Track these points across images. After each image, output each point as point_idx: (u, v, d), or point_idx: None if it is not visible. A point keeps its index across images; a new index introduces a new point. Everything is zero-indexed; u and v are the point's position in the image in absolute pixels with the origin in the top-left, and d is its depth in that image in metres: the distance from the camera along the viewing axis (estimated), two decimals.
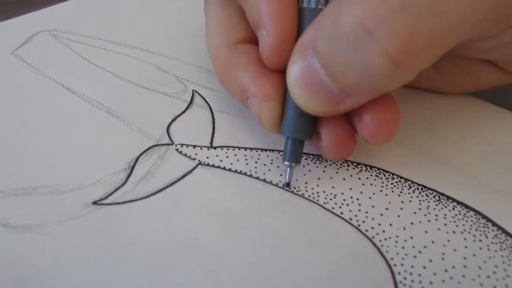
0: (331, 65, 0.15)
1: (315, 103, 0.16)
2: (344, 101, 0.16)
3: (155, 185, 0.18)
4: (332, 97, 0.16)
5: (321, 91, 0.16)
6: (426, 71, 0.22)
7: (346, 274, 0.15)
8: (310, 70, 0.16)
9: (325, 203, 0.18)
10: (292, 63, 0.16)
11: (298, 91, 0.16)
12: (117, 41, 0.26)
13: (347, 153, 0.18)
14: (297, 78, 0.16)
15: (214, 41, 0.20)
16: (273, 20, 0.17)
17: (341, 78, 0.15)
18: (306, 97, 0.16)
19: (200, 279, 0.15)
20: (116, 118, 0.21)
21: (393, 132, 0.17)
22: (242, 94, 0.18)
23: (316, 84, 0.16)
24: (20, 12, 0.28)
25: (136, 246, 0.16)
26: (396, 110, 0.17)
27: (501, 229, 0.17)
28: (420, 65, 0.15)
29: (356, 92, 0.15)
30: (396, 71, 0.14)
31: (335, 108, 0.16)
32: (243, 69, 0.18)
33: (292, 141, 0.18)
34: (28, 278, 0.15)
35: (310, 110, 0.16)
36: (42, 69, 0.24)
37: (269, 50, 0.17)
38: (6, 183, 0.18)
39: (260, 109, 0.18)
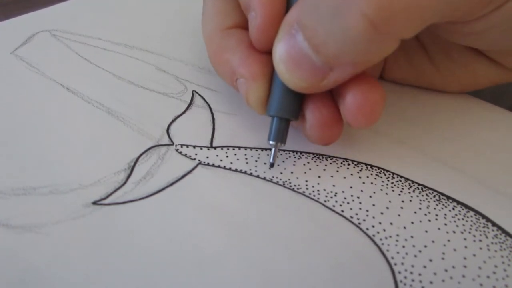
0: (313, 36, 0.15)
1: (299, 78, 0.16)
2: (328, 75, 0.16)
3: (155, 185, 0.18)
4: (316, 70, 0.16)
5: (305, 65, 0.16)
6: (425, 69, 0.22)
7: (347, 273, 0.15)
8: (295, 44, 0.16)
9: (326, 201, 0.18)
10: (278, 41, 0.16)
11: (283, 67, 0.16)
12: (117, 41, 0.26)
13: (331, 136, 0.18)
14: (282, 53, 0.16)
15: (208, 27, 0.20)
16: (261, 1, 0.17)
17: (324, 48, 0.15)
18: (291, 72, 0.16)
19: (200, 279, 0.15)
20: (116, 118, 0.21)
21: (376, 114, 0.17)
22: (232, 76, 0.19)
23: (300, 57, 0.16)
24: (20, 12, 0.28)
25: (136, 246, 0.16)
26: (379, 92, 0.17)
27: (501, 229, 0.17)
28: (399, 32, 0.15)
29: (339, 63, 0.16)
30: (375, 36, 0.15)
31: (319, 83, 0.16)
32: (233, 51, 0.19)
33: (277, 120, 0.18)
34: (28, 278, 0.15)
35: (295, 85, 0.17)
36: (42, 69, 0.24)
37: (257, 30, 0.18)
38: (6, 183, 0.18)
39: (247, 89, 0.18)
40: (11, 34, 0.26)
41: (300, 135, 0.20)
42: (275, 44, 0.17)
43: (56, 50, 0.25)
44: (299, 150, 0.20)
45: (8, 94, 0.22)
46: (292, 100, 0.17)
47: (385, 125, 0.21)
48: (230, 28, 0.20)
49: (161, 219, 0.17)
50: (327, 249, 0.16)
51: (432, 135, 0.21)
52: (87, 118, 0.21)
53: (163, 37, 0.27)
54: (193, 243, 0.16)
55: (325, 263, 0.16)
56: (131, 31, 0.27)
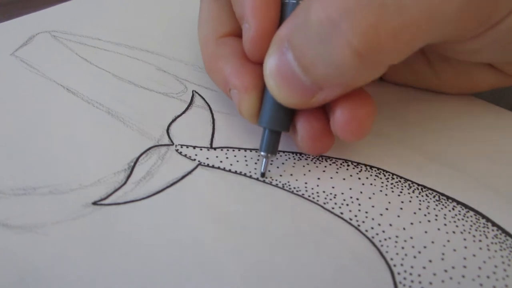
0: (303, 57, 0.15)
1: (288, 95, 0.16)
2: (317, 94, 0.16)
3: (155, 185, 0.18)
4: (305, 89, 0.16)
5: (295, 83, 0.16)
6: (424, 73, 0.22)
7: (346, 274, 0.15)
8: (285, 62, 0.16)
9: (325, 203, 0.18)
10: (269, 55, 0.17)
11: (273, 83, 0.16)
12: (117, 42, 0.26)
13: (322, 147, 0.18)
14: (272, 70, 0.16)
15: (203, 33, 0.21)
16: (255, 14, 0.17)
17: (312, 70, 0.15)
18: (281, 89, 0.16)
19: (200, 280, 0.15)
20: (116, 118, 0.21)
21: (364, 129, 0.17)
22: (225, 85, 0.19)
23: (290, 76, 0.16)
24: (20, 13, 0.28)
25: (136, 246, 0.16)
26: (369, 107, 0.17)
27: (501, 229, 0.17)
28: (386, 60, 0.15)
29: (327, 85, 0.16)
30: (361, 65, 0.15)
31: (309, 101, 0.16)
32: (227, 60, 0.19)
33: (268, 132, 0.18)
34: (28, 278, 0.15)
35: (284, 101, 0.17)
36: (42, 70, 0.24)
37: (250, 42, 0.18)
38: (6, 183, 0.18)
39: (240, 100, 0.18)
40: (11, 35, 0.26)
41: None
42: (266, 58, 0.17)
43: (56, 51, 0.25)
44: (298, 152, 0.20)
45: (8, 95, 0.22)
46: (283, 113, 0.18)
47: (384, 126, 0.21)
48: (225, 35, 0.20)
49: (160, 219, 0.17)
50: (326, 251, 0.16)
51: (432, 135, 0.21)
52: (87, 118, 0.21)
53: (163, 37, 0.27)
54: (192, 244, 0.16)
55: (325, 265, 0.16)
56: (131, 31, 0.27)
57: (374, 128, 0.21)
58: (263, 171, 0.18)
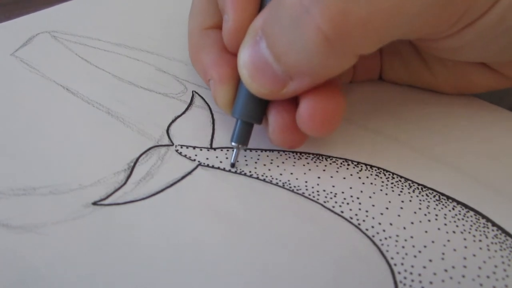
0: (275, 45, 0.16)
1: (260, 84, 0.16)
2: (288, 84, 0.16)
3: (155, 186, 0.18)
4: (276, 79, 0.16)
5: (266, 72, 0.16)
6: (421, 74, 0.22)
7: (346, 273, 0.15)
8: (258, 51, 0.16)
9: (325, 202, 0.18)
10: (243, 45, 0.17)
11: (246, 72, 0.17)
12: (117, 42, 0.26)
13: (293, 141, 0.18)
14: (245, 59, 0.17)
15: (191, 25, 0.21)
16: (234, 6, 0.17)
17: (284, 57, 0.16)
18: (253, 78, 0.17)
19: (201, 280, 0.15)
20: (116, 119, 0.21)
21: (329, 124, 0.17)
22: (205, 75, 0.19)
23: (262, 65, 0.16)
24: (20, 13, 0.28)
25: (136, 246, 0.16)
26: (336, 102, 0.17)
27: (501, 229, 0.17)
28: (355, 49, 0.15)
29: (298, 74, 0.16)
30: (330, 50, 0.15)
31: (280, 91, 0.16)
32: (207, 51, 0.19)
33: (241, 123, 0.18)
34: (28, 278, 0.15)
35: (256, 91, 0.17)
36: (42, 70, 0.24)
37: (228, 33, 0.18)
38: (6, 183, 0.18)
39: (215, 90, 0.19)
40: (12, 35, 0.26)
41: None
42: (240, 48, 0.17)
43: (56, 51, 0.25)
44: (298, 151, 0.20)
45: (8, 95, 0.22)
46: (256, 105, 0.18)
47: (384, 125, 0.21)
48: (209, 28, 0.20)
49: (160, 219, 0.17)
50: (327, 250, 0.16)
51: (432, 135, 0.21)
52: (87, 119, 0.21)
53: (163, 37, 0.27)
54: (192, 244, 0.16)
55: (325, 264, 0.16)
56: (131, 31, 0.27)
57: (374, 127, 0.21)
58: (233, 161, 0.19)
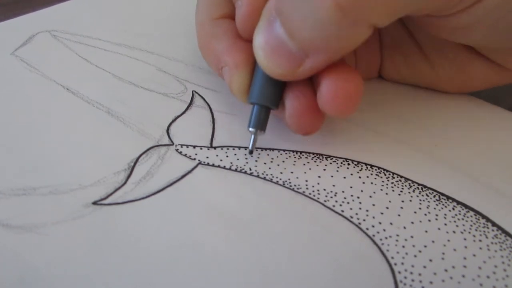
0: (289, 21, 0.16)
1: (276, 65, 0.17)
2: (304, 62, 0.16)
3: (155, 185, 0.18)
4: (292, 57, 0.16)
5: (282, 51, 0.16)
6: (421, 68, 0.22)
7: (347, 273, 0.15)
8: (272, 31, 0.16)
9: (326, 201, 0.18)
10: (258, 28, 0.17)
11: (261, 53, 0.17)
12: (117, 42, 0.26)
13: (310, 126, 0.18)
14: (260, 40, 0.17)
15: (200, 16, 0.21)
16: None
17: (298, 33, 0.16)
18: (269, 58, 0.17)
19: (201, 279, 0.15)
20: (116, 118, 0.21)
21: (351, 104, 0.17)
22: (217, 63, 0.19)
23: (278, 44, 0.16)
24: (20, 12, 0.28)
25: (136, 246, 0.16)
26: (355, 82, 0.17)
27: (501, 229, 0.17)
28: (369, 18, 0.15)
29: (313, 50, 0.16)
30: (344, 21, 0.15)
31: (296, 70, 0.16)
32: (220, 39, 0.19)
33: (257, 108, 0.18)
34: (28, 278, 0.15)
35: (272, 72, 0.17)
36: (42, 70, 0.24)
37: (242, 18, 0.18)
38: (6, 183, 0.18)
39: (230, 76, 0.18)
40: (11, 35, 0.26)
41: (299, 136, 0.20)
42: (255, 31, 0.17)
43: (56, 50, 0.25)
44: (299, 150, 0.20)
45: (8, 95, 0.22)
46: (272, 89, 0.18)
47: (385, 125, 0.21)
48: (220, 17, 0.20)
49: (161, 219, 0.17)
50: (327, 249, 0.16)
51: (432, 135, 0.21)
52: (87, 119, 0.21)
53: (163, 37, 0.27)
54: (193, 243, 0.16)
55: (325, 263, 0.16)
56: (131, 31, 0.27)
57: (374, 127, 0.21)
58: (251, 148, 0.19)
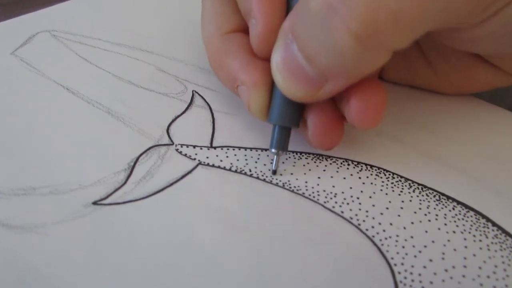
0: (306, 47, 0.15)
1: (296, 88, 0.16)
2: (324, 86, 0.16)
3: (155, 185, 0.18)
4: (311, 81, 0.16)
5: (301, 76, 0.16)
6: (422, 70, 0.22)
7: (346, 273, 0.15)
8: (290, 54, 0.16)
9: (326, 202, 0.18)
10: (275, 49, 0.17)
11: (280, 77, 0.16)
12: (117, 42, 0.26)
13: (333, 142, 0.18)
14: (278, 63, 0.16)
15: (208, 30, 0.20)
16: (262, 9, 0.17)
17: (316, 59, 0.15)
18: (288, 82, 0.16)
19: (200, 279, 0.15)
20: (116, 118, 0.21)
21: (379, 116, 0.17)
22: (232, 82, 0.19)
23: (296, 68, 0.16)
24: (20, 12, 0.28)
25: (136, 246, 0.16)
26: (382, 94, 0.17)
27: (501, 229, 0.17)
28: (388, 45, 0.15)
29: (332, 75, 0.16)
30: (362, 50, 0.14)
31: (316, 94, 0.16)
32: (234, 57, 0.19)
33: (279, 129, 0.18)
34: (28, 278, 0.15)
35: (292, 95, 0.17)
36: (42, 70, 0.24)
37: (258, 38, 0.18)
38: (6, 183, 0.18)
39: (249, 96, 0.18)
40: (11, 35, 0.26)
41: (300, 136, 0.20)
42: (273, 52, 0.17)
43: (56, 50, 0.25)
44: (298, 151, 0.20)
45: (8, 94, 0.22)
46: (293, 109, 0.17)
47: (385, 125, 0.21)
48: (231, 32, 0.20)
49: (161, 219, 0.17)
50: (327, 250, 0.16)
51: (433, 135, 0.21)
52: (87, 118, 0.21)
53: (163, 37, 0.27)
54: (192, 243, 0.16)
55: (325, 264, 0.16)
56: (131, 31, 0.27)
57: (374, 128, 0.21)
58: (275, 168, 0.18)
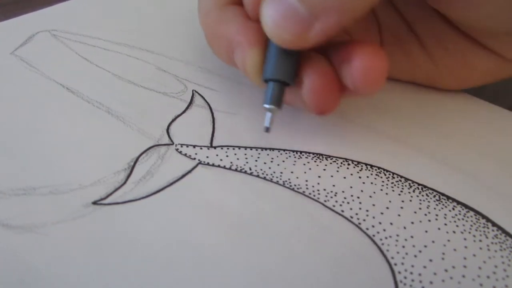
0: None
1: (286, 30, 0.16)
2: (314, 26, 0.16)
3: (155, 185, 0.18)
4: (302, 21, 0.16)
5: (291, 16, 0.16)
6: (421, 61, 0.22)
7: (347, 273, 0.15)
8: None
9: (326, 201, 0.18)
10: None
11: (270, 19, 0.16)
12: (117, 41, 0.26)
13: (328, 103, 0.18)
14: (268, 8, 0.16)
15: (204, 4, 0.20)
16: None
17: None
18: (278, 25, 0.16)
19: (200, 279, 0.15)
20: (116, 118, 0.21)
21: (381, 80, 0.17)
22: (228, 48, 0.19)
23: (286, 9, 0.16)
24: (20, 12, 0.28)
25: (136, 246, 0.16)
26: (383, 59, 0.17)
27: (501, 229, 0.17)
28: None
29: (323, 10, 0.16)
30: None
31: (306, 35, 0.16)
32: (230, 23, 0.19)
33: (273, 84, 0.18)
34: (28, 278, 0.15)
35: (282, 39, 0.17)
36: (42, 69, 0.24)
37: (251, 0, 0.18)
38: (6, 183, 0.18)
39: (244, 56, 0.18)
40: (11, 34, 0.26)
41: (300, 134, 0.20)
42: (262, 1, 0.17)
43: (56, 50, 0.25)
44: (299, 150, 0.20)
45: (8, 94, 0.22)
46: (287, 63, 0.17)
47: (385, 125, 0.21)
48: (227, 4, 0.20)
49: (161, 218, 0.17)
50: (327, 249, 0.16)
51: (432, 135, 0.21)
52: (87, 118, 0.21)
53: (163, 36, 0.27)
54: (193, 243, 0.16)
55: (325, 263, 0.16)
56: (131, 30, 0.27)
57: (374, 126, 0.21)
58: (268, 125, 0.18)
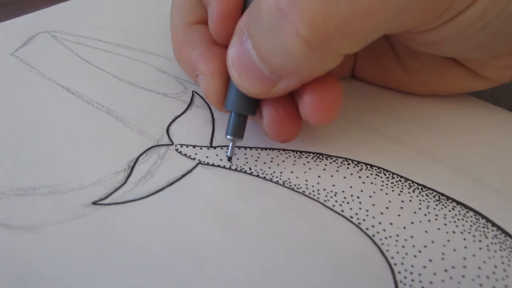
0: (259, 46, 0.15)
1: (250, 85, 0.16)
2: (277, 84, 0.16)
3: (155, 185, 0.18)
4: (265, 79, 0.16)
5: (255, 73, 0.16)
6: (394, 71, 0.22)
7: (346, 273, 0.15)
8: (244, 52, 0.16)
9: (326, 200, 0.18)
10: (231, 45, 0.17)
11: (235, 72, 0.16)
12: (117, 42, 0.26)
13: (288, 134, 0.18)
14: (233, 59, 0.16)
15: (174, 21, 0.21)
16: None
17: (269, 59, 0.15)
18: (242, 79, 0.16)
19: (201, 279, 0.15)
20: (116, 118, 0.21)
21: (333, 112, 0.17)
22: (192, 71, 0.19)
23: (250, 65, 0.16)
24: (20, 13, 0.28)
25: (136, 246, 0.16)
26: (336, 91, 0.17)
27: (501, 229, 0.17)
28: (339, 49, 0.15)
29: (285, 75, 0.16)
30: (312, 54, 0.15)
31: (270, 91, 0.16)
32: (194, 46, 0.19)
33: (235, 116, 0.18)
34: (28, 278, 0.15)
35: (246, 91, 0.17)
36: (42, 70, 0.24)
37: (214, 24, 0.18)
38: (6, 183, 0.18)
39: (206, 84, 0.18)
40: (11, 35, 0.26)
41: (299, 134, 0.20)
42: (229, 48, 0.17)
43: (56, 51, 0.25)
44: (299, 150, 0.20)
45: (8, 95, 0.22)
46: (249, 97, 0.17)
47: (385, 125, 0.21)
48: (194, 23, 0.20)
49: (160, 219, 0.17)
50: (327, 249, 0.16)
51: (432, 135, 0.21)
52: (87, 119, 0.21)
53: (163, 37, 0.27)
54: (192, 243, 0.16)
55: (325, 263, 0.16)
56: (131, 32, 0.27)
57: (374, 127, 0.21)
58: (230, 155, 0.19)
